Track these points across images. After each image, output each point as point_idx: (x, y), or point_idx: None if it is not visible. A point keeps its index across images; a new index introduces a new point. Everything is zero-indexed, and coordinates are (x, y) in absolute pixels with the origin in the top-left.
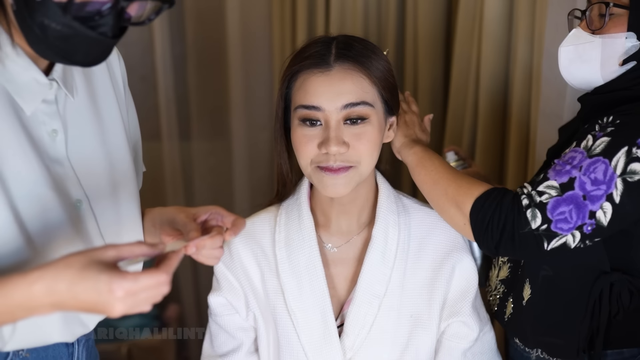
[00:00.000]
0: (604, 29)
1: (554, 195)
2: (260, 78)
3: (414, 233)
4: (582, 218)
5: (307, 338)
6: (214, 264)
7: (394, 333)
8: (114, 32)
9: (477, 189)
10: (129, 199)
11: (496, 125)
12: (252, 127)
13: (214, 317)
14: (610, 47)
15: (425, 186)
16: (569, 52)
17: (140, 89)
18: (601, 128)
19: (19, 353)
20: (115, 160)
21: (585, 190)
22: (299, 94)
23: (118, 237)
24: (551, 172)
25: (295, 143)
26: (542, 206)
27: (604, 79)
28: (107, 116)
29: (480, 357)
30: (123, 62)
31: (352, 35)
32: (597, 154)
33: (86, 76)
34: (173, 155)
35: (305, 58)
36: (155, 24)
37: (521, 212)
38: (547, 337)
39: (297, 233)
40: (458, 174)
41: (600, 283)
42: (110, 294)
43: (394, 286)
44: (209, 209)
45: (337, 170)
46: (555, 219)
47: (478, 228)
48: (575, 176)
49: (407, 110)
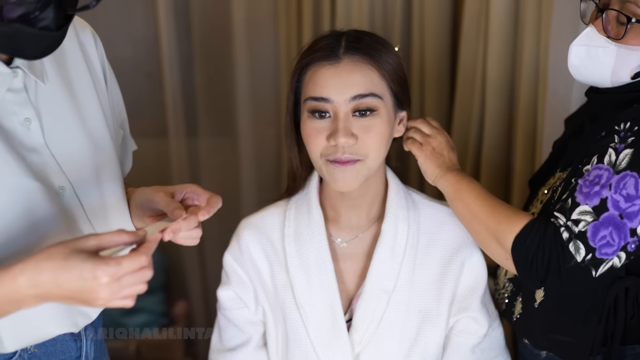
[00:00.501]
0: (624, 39)
1: (590, 221)
2: (267, 75)
3: (423, 228)
4: (624, 238)
5: (316, 332)
6: (194, 244)
7: (402, 328)
8: (57, 24)
9: (517, 224)
10: (113, 181)
11: (503, 119)
12: (259, 124)
13: (223, 311)
14: (626, 58)
15: (464, 220)
16: (580, 52)
17: (146, 86)
18: (621, 139)
19: (27, 349)
20: (97, 142)
21: (620, 208)
22: (308, 86)
23: (105, 220)
24: (579, 196)
25: (305, 136)
26: (582, 236)
27: (612, 84)
28: (83, 99)
29: (489, 352)
30: (100, 43)
31: (363, 30)
32: (624, 168)
33: (57, 61)
34: (180, 153)
35: (315, 51)
36: (161, 21)
37: (564, 246)
38: (558, 340)
39: (307, 227)
40: (495, 205)
41: (615, 288)
42: (95, 281)
43: (403, 281)
44: (185, 187)
45: (345, 163)
46: (598, 245)
47: (522, 265)
48: (607, 196)
49: (430, 134)
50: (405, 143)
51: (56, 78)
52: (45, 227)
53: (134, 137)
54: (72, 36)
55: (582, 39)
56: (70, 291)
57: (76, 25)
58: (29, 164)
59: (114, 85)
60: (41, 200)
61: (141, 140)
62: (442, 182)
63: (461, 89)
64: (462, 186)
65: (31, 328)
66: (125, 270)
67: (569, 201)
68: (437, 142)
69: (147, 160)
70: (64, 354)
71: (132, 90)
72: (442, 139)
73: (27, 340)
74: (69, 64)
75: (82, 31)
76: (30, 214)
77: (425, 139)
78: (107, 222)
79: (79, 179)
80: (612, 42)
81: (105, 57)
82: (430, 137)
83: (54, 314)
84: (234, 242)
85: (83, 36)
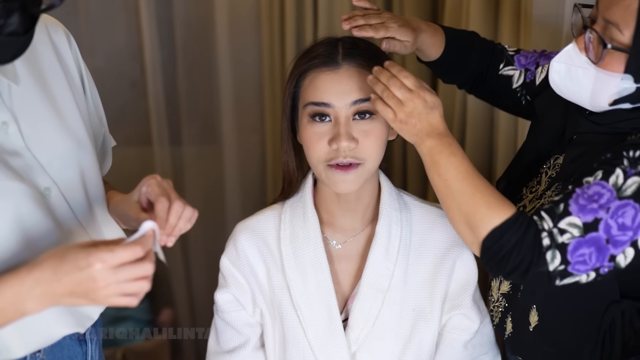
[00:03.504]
0: (601, 63)
1: (576, 235)
2: (250, 81)
3: (415, 229)
4: (601, 260)
5: (313, 333)
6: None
7: (397, 327)
8: (25, 27)
9: (497, 216)
10: (96, 178)
11: (485, 121)
12: (242, 131)
13: (221, 313)
14: (604, 83)
15: (438, 193)
16: (560, 69)
17: (130, 94)
18: (631, 164)
19: (36, 355)
20: (78, 140)
21: (610, 234)
22: (308, 91)
23: (92, 218)
24: (573, 206)
25: (306, 141)
26: (563, 247)
27: (593, 109)
28: (60, 98)
29: (480, 348)
30: (74, 42)
31: (356, 37)
32: (628, 196)
33: (30, 61)
34: (164, 160)
35: (313, 57)
36: (144, 30)
37: (541, 253)
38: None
39: (302, 230)
40: (477, 186)
41: (610, 312)
42: (90, 268)
43: (397, 281)
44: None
45: (347, 168)
46: (574, 260)
47: (489, 257)
48: (602, 218)
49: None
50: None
51: (30, 78)
52: (34, 228)
53: (119, 145)
54: (44, 36)
55: (563, 56)
56: (70, 284)
57: (48, 25)
58: (12, 167)
59: (91, 83)
60: (28, 201)
61: (125, 148)
62: (421, 149)
63: (442, 95)
64: (441, 158)
65: (38, 331)
66: (119, 258)
67: (561, 207)
68: (411, 107)
69: (131, 168)
70: (71, 358)
71: (116, 99)
72: (418, 102)
73: (36, 344)
74: (42, 64)
75: (54, 31)
76: (18, 216)
77: (398, 106)
78: (95, 220)
79: (64, 178)
80: (592, 65)
81: (79, 55)
82: (403, 103)
83: (57, 314)
84: (230, 245)
85: (55, 36)
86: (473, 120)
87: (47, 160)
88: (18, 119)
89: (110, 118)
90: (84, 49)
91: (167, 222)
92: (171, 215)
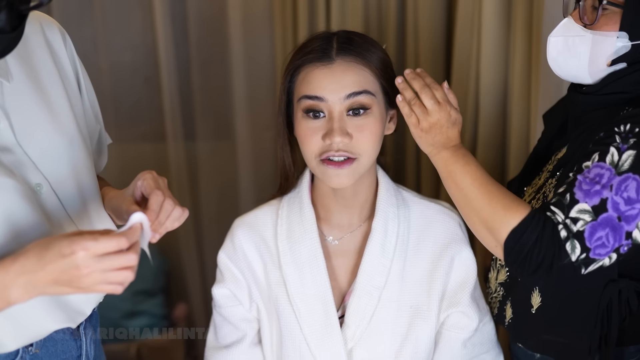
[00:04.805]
0: (596, 25)
1: (588, 220)
2: (263, 78)
3: (413, 225)
4: (618, 240)
5: (309, 328)
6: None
7: (394, 324)
8: (12, 25)
9: (514, 217)
10: (89, 175)
11: (497, 119)
12: (256, 127)
13: (218, 308)
14: (601, 45)
15: (456, 202)
16: (557, 43)
17: (145, 91)
18: (622, 139)
19: (28, 350)
20: (71, 137)
21: (620, 211)
22: (302, 86)
23: (85, 214)
24: (579, 193)
25: (300, 136)
26: (580, 235)
27: (591, 77)
28: (53, 95)
29: (480, 347)
30: (69, 39)
31: (352, 31)
32: (626, 170)
33: (23, 58)
34: (178, 156)
35: (307, 52)
36: (159, 27)
37: (561, 245)
38: (554, 344)
39: (299, 225)
40: (492, 192)
41: (608, 291)
42: (73, 255)
43: (394, 278)
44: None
45: (341, 164)
46: (594, 245)
47: (513, 258)
48: (607, 197)
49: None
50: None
51: (22, 75)
52: (24, 224)
53: (133, 141)
54: (38, 33)
55: (560, 29)
56: (54, 272)
57: (42, 23)
58: (3, 163)
59: (87, 81)
60: (18, 197)
61: (140, 144)
62: (435, 160)
63: (456, 89)
64: (456, 168)
65: (27, 325)
66: (102, 247)
67: (567, 197)
68: (436, 119)
69: (146, 164)
70: (64, 353)
71: (131, 95)
72: (443, 115)
73: (26, 338)
74: (35, 61)
75: (49, 28)
76: (8, 212)
77: (423, 115)
78: (87, 216)
79: (55, 174)
80: (587, 30)
81: (75, 53)
82: (429, 112)
83: (47, 308)
84: (228, 241)
85: (50, 33)
86: (486, 119)
87: (38, 156)
88: (9, 116)
89: (125, 114)
90: (99, 46)
91: (156, 218)
92: (161, 212)
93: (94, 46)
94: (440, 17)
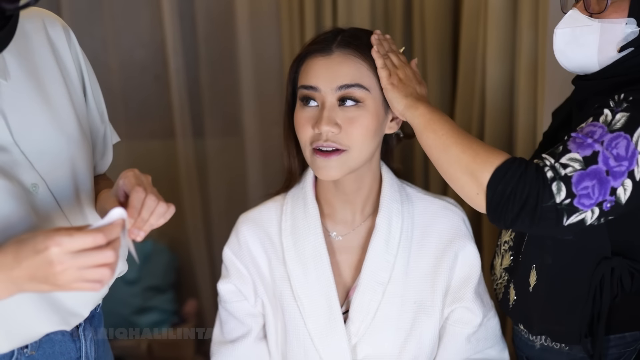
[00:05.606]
0: (604, 13)
1: (578, 168)
2: (271, 74)
3: (417, 221)
4: (603, 194)
5: (313, 324)
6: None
7: (398, 319)
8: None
9: (497, 158)
10: (87, 175)
11: (504, 115)
12: (264, 123)
13: (224, 303)
14: (609, 33)
15: (435, 151)
16: (565, 34)
17: (154, 88)
18: (616, 104)
19: (23, 351)
20: (70, 136)
21: (609, 165)
22: (302, 76)
23: (82, 215)
24: (572, 144)
25: (296, 125)
26: (567, 180)
27: (600, 65)
28: (53, 93)
29: (485, 342)
30: (74, 37)
31: (363, 29)
32: (618, 129)
33: (23, 56)
34: (187, 153)
35: (313, 44)
36: (167, 25)
37: (546, 184)
38: (551, 323)
39: (303, 221)
40: (472, 140)
41: (601, 268)
42: (47, 251)
43: (398, 273)
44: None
45: (328, 155)
46: (579, 193)
47: (496, 200)
48: (599, 150)
49: (398, 65)
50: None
51: (21, 74)
52: (16, 226)
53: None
54: (40, 31)
55: (566, 21)
56: (30, 268)
57: (45, 20)
58: None
59: (93, 79)
60: (10, 198)
61: (149, 141)
62: (412, 111)
63: (462, 87)
64: (434, 117)
65: (18, 327)
66: (77, 243)
67: (560, 148)
68: (404, 73)
69: (155, 160)
70: (63, 355)
71: (140, 93)
72: (409, 71)
73: (19, 339)
74: (36, 59)
75: (52, 26)
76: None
77: (394, 69)
78: (84, 217)
79: (53, 174)
80: (595, 19)
81: (79, 51)
82: (398, 67)
83: (38, 309)
84: (233, 237)
85: (52, 31)
86: (492, 113)
87: (35, 155)
88: (6, 115)
89: (134, 111)
90: (108, 44)
91: (139, 215)
92: (143, 209)
93: (103, 44)
94: (446, 12)
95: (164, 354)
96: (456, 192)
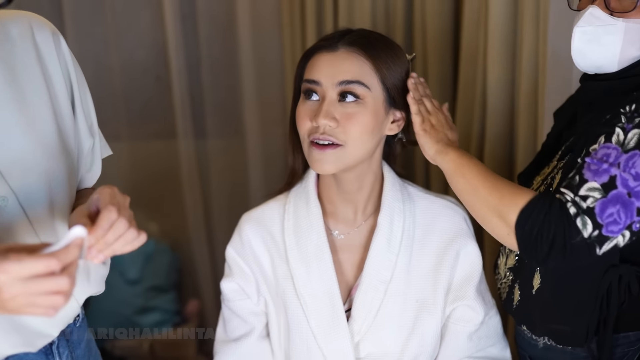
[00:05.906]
0: (631, 13)
1: (598, 197)
2: (272, 75)
3: (419, 220)
4: (630, 216)
5: (316, 322)
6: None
7: (400, 317)
8: None
9: (521, 198)
10: (65, 189)
11: (505, 114)
12: (265, 123)
13: (227, 302)
14: (634, 32)
15: (465, 195)
16: (585, 32)
17: (155, 89)
18: (628, 119)
19: None
20: (46, 147)
21: (629, 187)
22: (306, 71)
23: (53, 230)
24: (587, 173)
25: (296, 118)
26: (591, 212)
27: (619, 65)
28: (32, 102)
29: (486, 340)
30: (64, 43)
31: (374, 32)
32: (632, 148)
33: (5, 62)
34: (189, 153)
35: (320, 41)
36: (169, 26)
37: (571, 221)
38: (555, 325)
39: (305, 220)
40: (499, 180)
41: (609, 276)
42: None
43: (400, 272)
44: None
45: (324, 148)
46: (606, 222)
47: (525, 240)
48: (616, 174)
49: (431, 111)
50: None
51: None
52: None
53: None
54: (27, 37)
55: (587, 19)
56: None
57: (33, 24)
58: None
59: (83, 87)
60: None
61: (151, 142)
62: (443, 157)
63: (463, 89)
64: (463, 162)
65: None
66: (27, 270)
67: (577, 178)
68: (436, 119)
69: (157, 161)
70: None
71: (142, 94)
72: (442, 117)
73: None
74: (18, 65)
75: (39, 31)
76: None
77: (427, 114)
78: (55, 233)
79: (25, 187)
80: (619, 18)
81: (70, 57)
82: (430, 114)
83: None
84: (235, 236)
85: (40, 36)
86: (493, 115)
87: (6, 166)
88: None
89: (136, 112)
90: (110, 46)
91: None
92: (110, 231)
93: (105, 46)
94: (447, 13)
95: (166, 354)
96: (491, 234)
